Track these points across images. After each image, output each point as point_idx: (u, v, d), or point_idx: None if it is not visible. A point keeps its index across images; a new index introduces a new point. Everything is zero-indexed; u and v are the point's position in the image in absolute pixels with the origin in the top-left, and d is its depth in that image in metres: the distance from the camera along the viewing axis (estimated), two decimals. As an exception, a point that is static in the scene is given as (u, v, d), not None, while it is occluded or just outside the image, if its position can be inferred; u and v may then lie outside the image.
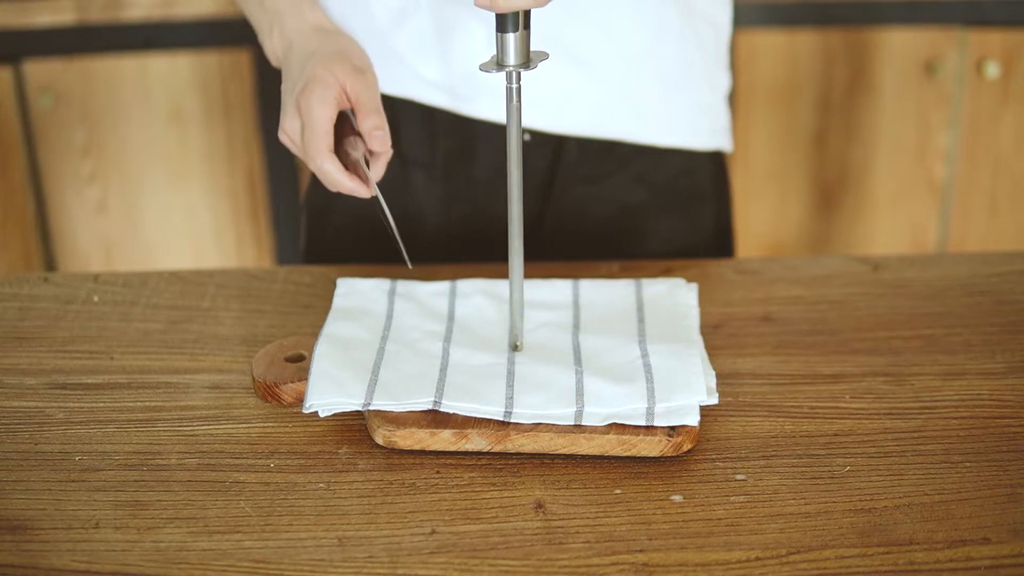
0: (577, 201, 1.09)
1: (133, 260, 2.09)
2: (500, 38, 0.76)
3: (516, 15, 0.75)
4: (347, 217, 1.12)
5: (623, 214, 1.10)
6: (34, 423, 0.81)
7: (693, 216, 1.13)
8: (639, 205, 1.10)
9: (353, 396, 0.79)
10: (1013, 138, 2.04)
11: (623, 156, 1.07)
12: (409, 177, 1.09)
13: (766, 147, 2.06)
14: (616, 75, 1.03)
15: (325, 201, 1.12)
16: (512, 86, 0.78)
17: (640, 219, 1.11)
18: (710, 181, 1.13)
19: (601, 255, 1.08)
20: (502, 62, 0.77)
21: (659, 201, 1.11)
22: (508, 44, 0.76)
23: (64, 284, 1.00)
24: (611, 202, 1.09)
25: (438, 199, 1.09)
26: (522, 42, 0.76)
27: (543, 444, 0.77)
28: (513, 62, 0.77)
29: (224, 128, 2.02)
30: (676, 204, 1.11)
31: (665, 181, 1.10)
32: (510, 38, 0.76)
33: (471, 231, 1.10)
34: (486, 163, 1.07)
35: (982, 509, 0.71)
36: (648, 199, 1.10)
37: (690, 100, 1.08)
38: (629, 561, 0.68)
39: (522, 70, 0.77)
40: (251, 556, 0.68)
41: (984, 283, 0.99)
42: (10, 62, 1.92)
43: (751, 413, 0.82)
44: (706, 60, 1.08)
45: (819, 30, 1.99)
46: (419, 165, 1.08)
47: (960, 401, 0.83)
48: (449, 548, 0.69)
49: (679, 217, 1.12)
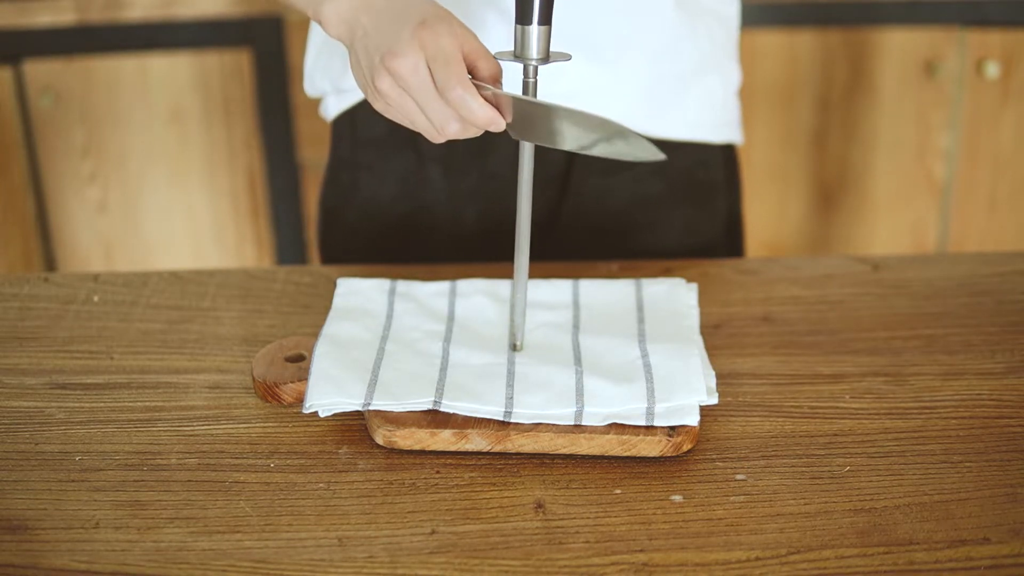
0: (594, 193, 1.10)
1: (133, 260, 2.09)
2: (520, 30, 0.75)
3: (537, 7, 0.74)
4: (360, 215, 1.13)
5: (640, 206, 1.11)
6: (34, 423, 0.81)
7: (708, 207, 1.14)
8: (655, 197, 1.11)
9: (353, 396, 0.79)
10: (1013, 138, 2.04)
11: None
12: (427, 172, 1.09)
13: (766, 147, 2.06)
14: (633, 73, 1.04)
15: (340, 201, 1.14)
16: (529, 80, 0.77)
17: (656, 211, 1.12)
18: (723, 173, 1.14)
19: (618, 247, 1.09)
20: (520, 54, 0.76)
21: (675, 193, 1.11)
22: (529, 37, 0.75)
23: (64, 284, 1.00)
24: (628, 194, 1.10)
25: (455, 194, 1.10)
26: (542, 37, 0.76)
27: (543, 444, 0.77)
28: (532, 55, 0.76)
29: (224, 128, 2.02)
30: (691, 196, 1.12)
31: (680, 173, 1.11)
32: (532, 31, 0.75)
33: (488, 226, 1.11)
34: (503, 157, 1.07)
35: (982, 509, 0.71)
36: (664, 191, 1.11)
37: (704, 95, 1.09)
38: (629, 561, 0.68)
39: (540, 64, 0.77)
40: (251, 556, 0.68)
41: (984, 283, 0.99)
42: (10, 62, 1.92)
43: (751, 413, 0.82)
44: (717, 55, 1.09)
45: (819, 30, 1.99)
46: (436, 160, 1.08)
47: (960, 401, 0.83)
48: (449, 548, 0.69)
49: (694, 208, 1.13)
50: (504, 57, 0.77)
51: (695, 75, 1.07)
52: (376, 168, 1.11)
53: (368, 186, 1.12)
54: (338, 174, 1.15)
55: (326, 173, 1.17)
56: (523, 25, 0.75)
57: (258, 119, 2.01)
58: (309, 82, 1.13)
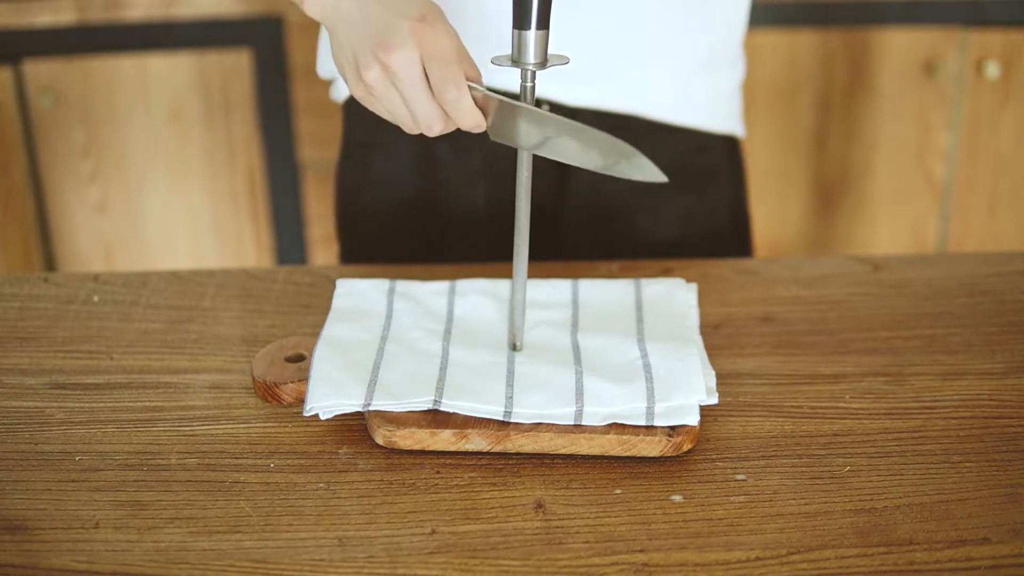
0: (594, 179, 1.10)
1: (133, 260, 2.09)
2: (517, 35, 0.75)
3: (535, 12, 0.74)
4: (375, 194, 1.15)
5: (639, 192, 1.11)
6: (34, 423, 0.81)
7: (708, 195, 1.14)
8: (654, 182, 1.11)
9: (353, 397, 0.79)
10: (1013, 138, 2.04)
11: (637, 132, 1.08)
12: (435, 151, 1.10)
13: (766, 147, 2.06)
14: (634, 67, 1.04)
15: (355, 182, 1.16)
16: (527, 84, 0.77)
17: (656, 197, 1.12)
18: (725, 161, 1.15)
19: (619, 233, 1.09)
20: (517, 59, 0.76)
21: (674, 177, 1.11)
22: (526, 41, 0.75)
23: (64, 284, 1.00)
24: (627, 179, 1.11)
25: (464, 172, 1.11)
26: (540, 41, 0.75)
27: (543, 444, 0.77)
28: (529, 60, 0.76)
29: (224, 128, 2.02)
30: (691, 181, 1.13)
31: (679, 157, 1.11)
32: (529, 35, 0.74)
33: (498, 205, 1.11)
34: None
35: (982, 509, 0.71)
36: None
37: (706, 87, 1.09)
38: (629, 561, 0.68)
39: (537, 69, 0.76)
40: (251, 556, 0.68)
41: (984, 283, 0.99)
42: (10, 62, 1.92)
43: (751, 413, 0.82)
44: (719, 48, 1.09)
45: (819, 30, 1.99)
46: (444, 137, 1.09)
47: (960, 401, 0.83)
48: (449, 548, 0.69)
49: (694, 195, 1.13)
50: (501, 62, 0.77)
51: (697, 67, 1.08)
52: (388, 147, 1.12)
53: (381, 166, 1.13)
54: (352, 155, 1.16)
55: (340, 155, 1.19)
56: (520, 30, 0.75)
57: (258, 119, 2.01)
58: (321, 63, 1.13)
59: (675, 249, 1.13)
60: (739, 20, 1.10)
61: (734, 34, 1.11)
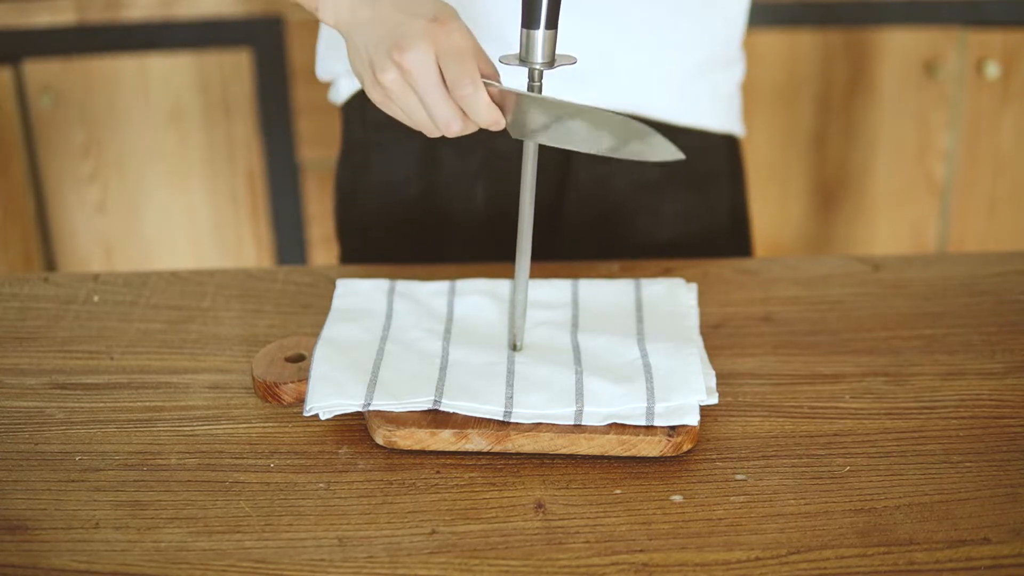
0: (594, 179, 1.10)
1: (133, 260, 2.09)
2: (526, 34, 0.75)
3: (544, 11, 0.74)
4: (375, 195, 1.15)
5: (639, 191, 1.12)
6: (34, 423, 0.81)
7: (708, 194, 1.14)
8: (655, 182, 1.11)
9: (353, 397, 0.79)
10: (1013, 138, 2.04)
11: None
12: (437, 151, 1.10)
13: (766, 147, 2.06)
14: (635, 68, 1.05)
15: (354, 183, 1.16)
16: (534, 84, 0.77)
17: (656, 196, 1.12)
18: (724, 161, 1.15)
19: (619, 235, 1.09)
20: (525, 58, 0.76)
21: (674, 178, 1.12)
22: (534, 41, 0.75)
23: (64, 284, 1.00)
24: (627, 178, 1.11)
25: (464, 173, 1.11)
26: (548, 41, 0.75)
27: (543, 444, 0.77)
28: (537, 59, 0.75)
29: (224, 128, 2.02)
30: (691, 181, 1.13)
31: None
32: (537, 35, 0.74)
33: (498, 206, 1.11)
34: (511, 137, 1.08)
35: (982, 509, 0.71)
36: (663, 175, 1.11)
37: (706, 87, 1.09)
38: (629, 561, 0.68)
39: (545, 69, 0.76)
40: (251, 556, 0.68)
41: (984, 283, 0.99)
42: (10, 62, 1.92)
43: (751, 413, 0.82)
44: (719, 48, 1.09)
45: (819, 30, 1.99)
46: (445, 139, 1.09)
47: (960, 401, 0.83)
48: (449, 548, 0.69)
49: (694, 194, 1.13)
50: (509, 61, 0.76)
51: (696, 69, 1.08)
52: (388, 149, 1.12)
53: (381, 167, 1.13)
54: (351, 156, 1.16)
55: (340, 156, 1.19)
56: (529, 29, 0.74)
57: (258, 119, 2.01)
58: (320, 65, 1.13)
59: (675, 249, 1.13)
60: (739, 20, 1.10)
61: (734, 34, 1.11)
